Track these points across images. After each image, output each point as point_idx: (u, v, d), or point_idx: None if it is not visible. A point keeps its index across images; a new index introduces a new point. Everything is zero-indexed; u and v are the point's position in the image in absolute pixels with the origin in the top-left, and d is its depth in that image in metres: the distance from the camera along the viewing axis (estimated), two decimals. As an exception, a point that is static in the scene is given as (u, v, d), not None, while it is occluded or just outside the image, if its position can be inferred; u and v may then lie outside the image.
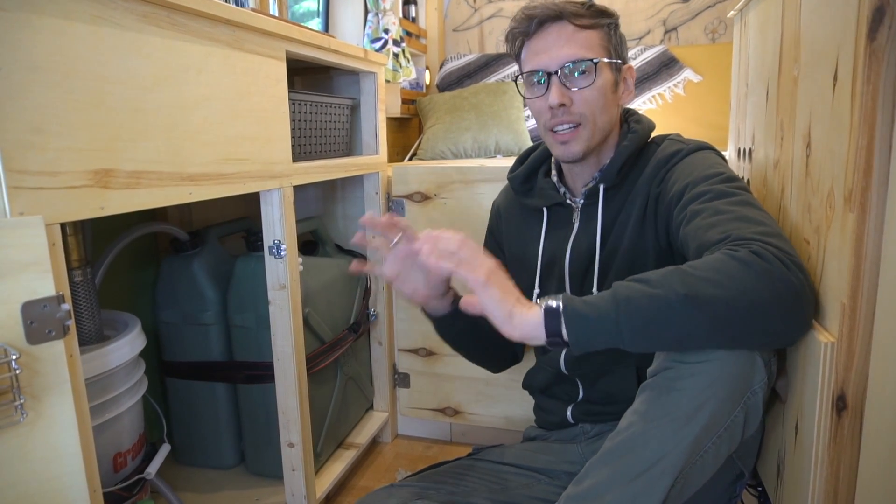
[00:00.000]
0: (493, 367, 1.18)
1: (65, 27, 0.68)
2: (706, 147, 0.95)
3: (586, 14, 0.93)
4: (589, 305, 0.71)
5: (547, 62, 0.92)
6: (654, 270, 0.72)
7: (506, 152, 2.10)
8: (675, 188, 0.89)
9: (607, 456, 0.74)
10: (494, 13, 2.53)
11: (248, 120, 1.01)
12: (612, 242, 0.97)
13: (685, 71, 2.17)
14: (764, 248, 0.68)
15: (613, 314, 0.69)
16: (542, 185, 1.06)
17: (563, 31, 0.92)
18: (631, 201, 0.96)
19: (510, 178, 1.11)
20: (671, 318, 0.68)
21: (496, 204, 1.18)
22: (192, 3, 0.85)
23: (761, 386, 0.72)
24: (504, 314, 0.74)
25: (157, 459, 1.15)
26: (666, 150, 0.96)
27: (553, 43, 0.92)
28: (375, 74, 1.53)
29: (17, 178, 0.63)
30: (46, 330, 0.65)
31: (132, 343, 1.09)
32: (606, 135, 0.97)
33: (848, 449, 0.65)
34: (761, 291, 0.66)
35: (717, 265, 0.68)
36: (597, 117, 0.94)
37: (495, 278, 0.76)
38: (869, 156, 0.59)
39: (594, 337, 0.71)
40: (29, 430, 0.65)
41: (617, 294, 0.70)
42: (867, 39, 0.58)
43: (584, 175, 1.01)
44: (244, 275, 1.29)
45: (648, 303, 0.68)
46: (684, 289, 0.67)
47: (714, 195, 0.81)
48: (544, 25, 0.93)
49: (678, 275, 0.69)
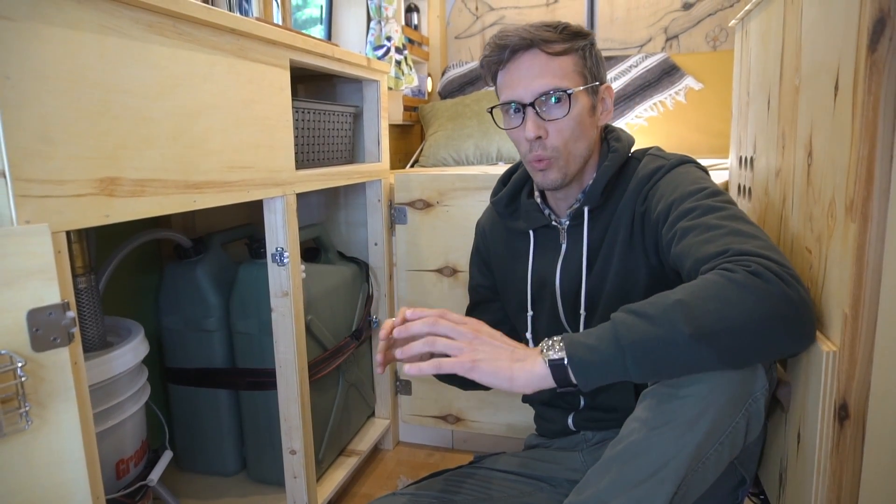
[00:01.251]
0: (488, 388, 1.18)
1: (72, 37, 0.69)
2: (687, 161, 0.95)
3: (559, 39, 0.91)
4: (594, 352, 0.71)
5: (521, 94, 0.91)
6: (652, 300, 0.71)
7: (508, 159, 2.11)
8: (660, 206, 0.88)
9: (609, 463, 0.74)
10: (496, 21, 2.55)
11: (252, 128, 1.02)
12: (600, 263, 0.97)
13: (686, 78, 2.18)
14: (761, 265, 0.68)
15: (620, 359, 0.69)
16: (527, 208, 1.05)
17: (536, 61, 0.91)
18: (616, 220, 0.96)
19: (494, 203, 1.09)
20: (680, 357, 0.68)
21: (481, 225, 1.17)
22: (197, 13, 0.86)
23: (762, 392, 0.73)
24: (505, 381, 0.74)
25: (159, 466, 1.15)
26: (647, 167, 0.95)
27: (526, 73, 0.91)
28: (378, 82, 1.54)
29: (25, 186, 0.64)
30: (52, 337, 0.65)
31: (136, 350, 1.09)
32: (585, 160, 0.96)
33: (850, 458, 0.65)
34: (764, 314, 0.66)
35: (717, 292, 0.68)
36: (571, 148, 0.93)
37: (480, 352, 0.75)
38: (870, 166, 0.60)
39: (603, 379, 0.72)
40: (33, 438, 0.65)
41: (620, 336, 0.70)
42: (868, 50, 0.58)
43: (568, 198, 1.00)
44: (247, 281, 1.30)
45: (655, 345, 0.68)
46: (689, 328, 0.67)
47: (703, 211, 0.81)
48: (517, 54, 0.92)
49: (680, 311, 0.68)
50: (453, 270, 1.54)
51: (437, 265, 1.56)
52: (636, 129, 2.19)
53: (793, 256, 0.86)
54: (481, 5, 2.56)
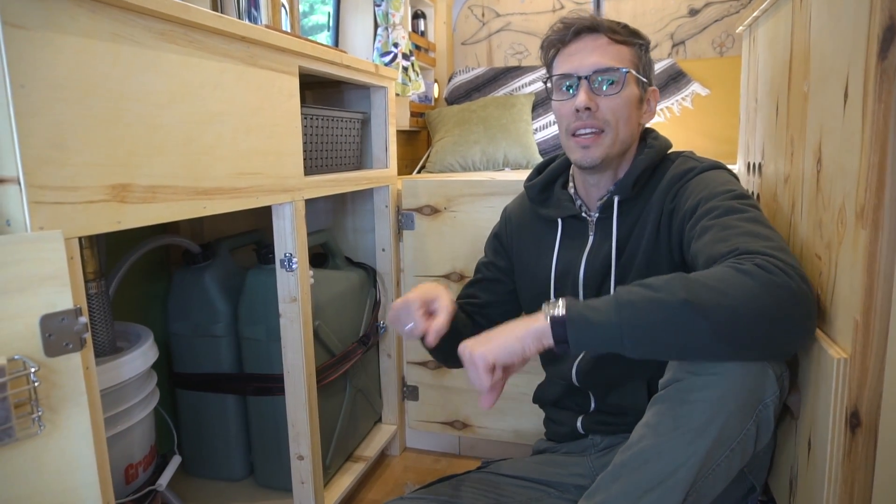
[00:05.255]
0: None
1: (85, 45, 0.70)
2: (719, 166, 0.97)
3: (621, 31, 0.97)
4: (592, 311, 0.73)
5: (578, 67, 0.95)
6: (658, 276, 0.73)
7: (514, 165, 2.11)
8: (688, 204, 0.90)
9: (619, 470, 0.74)
10: (503, 27, 2.55)
11: (261, 135, 1.02)
12: (627, 255, 0.98)
13: (693, 84, 2.17)
14: (768, 260, 0.69)
15: (616, 318, 0.71)
16: (559, 196, 1.07)
17: (598, 42, 0.95)
18: (645, 215, 0.97)
19: (527, 187, 1.11)
20: (672, 322, 0.69)
21: (507, 210, 1.19)
22: (208, 21, 0.86)
23: (773, 399, 0.72)
24: (517, 344, 0.76)
25: (167, 471, 1.16)
26: (680, 167, 0.97)
27: (587, 51, 0.95)
28: (386, 89, 1.54)
29: (38, 193, 0.64)
30: (64, 343, 0.65)
31: (145, 355, 1.09)
32: (626, 148, 0.99)
33: (862, 466, 0.65)
34: (764, 299, 0.67)
35: (721, 275, 0.70)
36: (620, 126, 0.96)
37: (488, 340, 0.78)
38: (881, 173, 0.60)
39: (596, 340, 0.73)
40: (45, 442, 0.66)
41: (619, 298, 0.72)
42: (878, 58, 0.58)
43: (600, 187, 1.02)
44: (255, 287, 1.30)
45: (649, 306, 0.70)
46: (686, 294, 0.68)
47: (724, 211, 0.82)
48: (580, 35, 0.96)
49: (681, 280, 0.70)
50: (461, 276, 1.55)
51: (444, 271, 1.56)
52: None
53: (802, 263, 0.86)
54: (488, 12, 2.57)
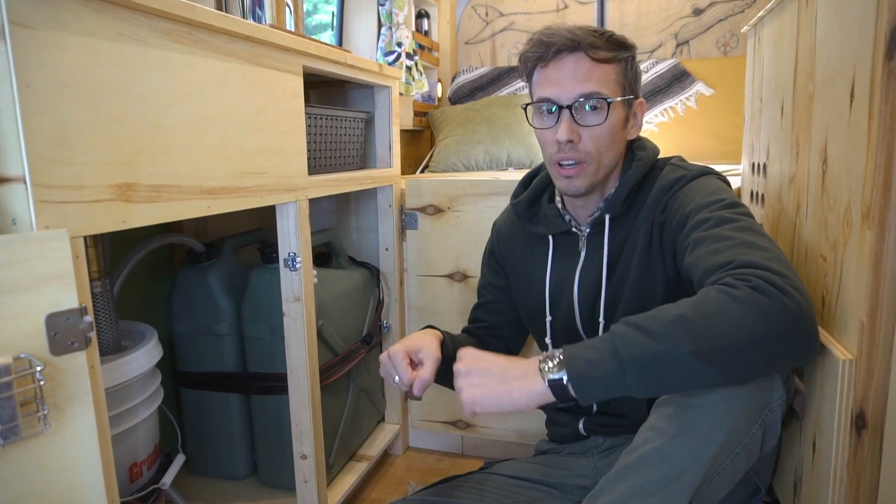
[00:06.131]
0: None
1: (91, 44, 0.70)
2: (708, 172, 0.94)
3: (604, 46, 0.90)
4: (594, 367, 0.70)
5: (559, 94, 0.90)
6: (652, 314, 0.70)
7: (517, 165, 2.11)
8: (678, 215, 0.88)
9: (624, 472, 0.74)
10: (506, 26, 2.55)
11: (265, 134, 1.02)
12: (619, 271, 0.97)
13: (697, 84, 2.17)
14: (762, 278, 0.67)
15: (621, 375, 0.69)
16: (547, 212, 1.04)
17: (580, 64, 0.89)
18: (636, 229, 0.95)
19: (514, 205, 1.08)
20: (682, 375, 0.68)
21: (497, 226, 1.17)
22: (213, 20, 0.86)
23: (779, 403, 0.72)
24: (508, 405, 0.75)
25: (171, 470, 1.16)
26: (668, 177, 0.94)
27: (568, 75, 0.90)
28: (390, 88, 1.54)
29: (44, 192, 0.65)
30: (69, 341, 0.66)
31: (149, 354, 1.10)
32: (611, 170, 0.96)
33: (868, 468, 0.65)
34: (766, 332, 0.66)
35: (718, 309, 0.67)
36: (603, 156, 0.93)
37: (477, 386, 0.77)
38: (888, 174, 0.59)
39: (604, 395, 0.71)
40: (50, 441, 0.66)
41: (620, 351, 0.69)
42: (885, 59, 0.58)
43: (589, 206, 1.00)
44: (259, 286, 1.30)
45: (655, 362, 0.68)
46: (691, 345, 0.66)
47: (716, 222, 0.81)
48: (560, 55, 0.90)
49: (682, 327, 0.67)
50: (464, 276, 1.55)
51: (447, 270, 1.56)
52: (647, 135, 2.18)
53: (807, 264, 0.86)
54: (491, 11, 2.57)
